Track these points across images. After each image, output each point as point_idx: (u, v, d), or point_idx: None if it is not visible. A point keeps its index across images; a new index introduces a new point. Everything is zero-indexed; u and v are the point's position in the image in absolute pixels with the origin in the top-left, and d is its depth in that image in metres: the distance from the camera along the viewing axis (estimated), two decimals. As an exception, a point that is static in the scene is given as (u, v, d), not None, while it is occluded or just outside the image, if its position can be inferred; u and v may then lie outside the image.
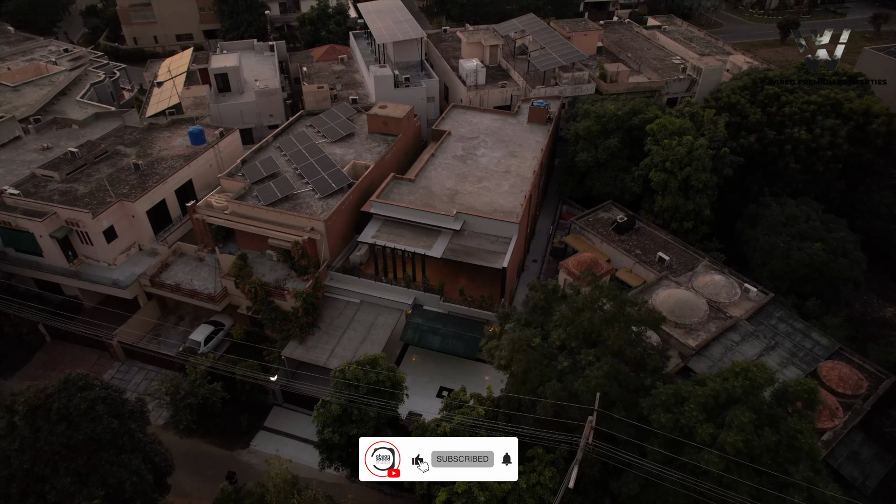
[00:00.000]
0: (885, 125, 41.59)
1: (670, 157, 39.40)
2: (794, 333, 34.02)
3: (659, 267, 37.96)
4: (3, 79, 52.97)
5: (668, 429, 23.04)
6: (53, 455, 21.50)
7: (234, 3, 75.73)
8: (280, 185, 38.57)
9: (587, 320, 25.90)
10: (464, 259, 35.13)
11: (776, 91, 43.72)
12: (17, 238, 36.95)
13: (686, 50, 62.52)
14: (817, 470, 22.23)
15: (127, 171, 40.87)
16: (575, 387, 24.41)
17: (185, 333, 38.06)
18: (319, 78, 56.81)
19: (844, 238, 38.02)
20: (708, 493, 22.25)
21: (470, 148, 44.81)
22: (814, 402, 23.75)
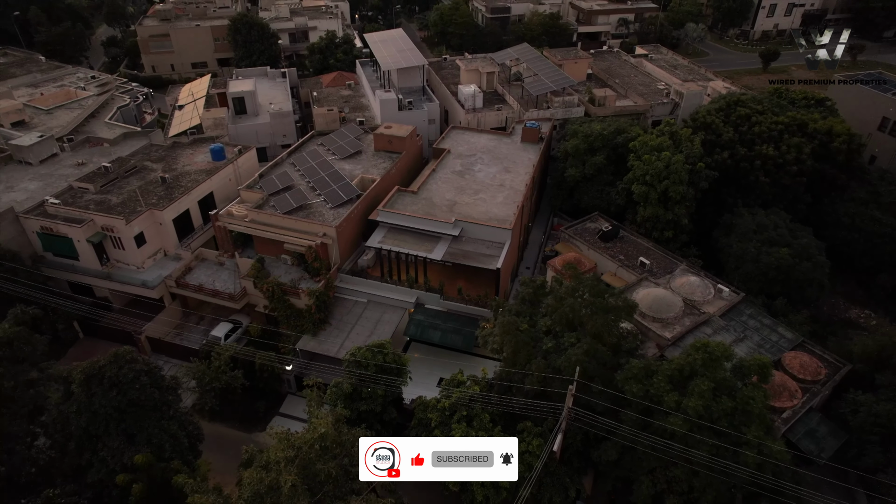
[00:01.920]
0: (845, 143, 45.64)
1: (650, 171, 43.32)
2: (762, 328, 37.44)
3: (640, 270, 41.51)
4: (38, 103, 57.34)
5: (639, 397, 26.40)
6: (106, 417, 24.82)
7: (248, 34, 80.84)
8: (295, 196, 42.43)
9: (569, 307, 29.46)
10: (462, 261, 38.77)
11: (747, 112, 47.84)
12: (56, 243, 40.65)
13: (670, 76, 67.13)
14: (767, 431, 25.58)
15: (154, 183, 44.80)
16: (558, 363, 27.85)
17: (206, 331, 41.44)
18: (328, 102, 61.22)
19: (809, 244, 41.63)
20: (675, 453, 25.56)
21: (468, 164, 48.82)
22: (767, 375, 27.23)
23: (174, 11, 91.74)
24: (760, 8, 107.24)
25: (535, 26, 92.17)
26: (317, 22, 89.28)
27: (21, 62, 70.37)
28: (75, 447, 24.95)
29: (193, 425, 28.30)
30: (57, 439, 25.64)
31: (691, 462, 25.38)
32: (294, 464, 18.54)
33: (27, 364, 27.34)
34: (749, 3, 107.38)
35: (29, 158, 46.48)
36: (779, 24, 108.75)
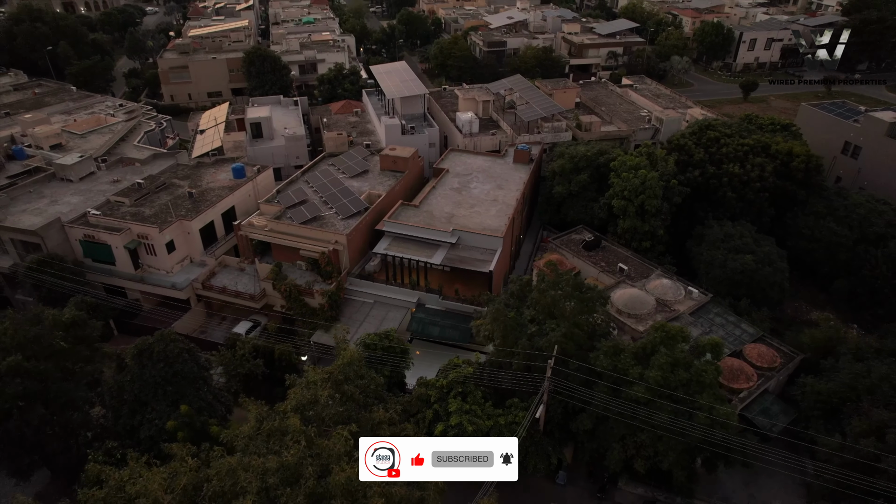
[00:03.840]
0: (803, 163, 50.73)
1: (627, 188, 48.32)
2: (727, 324, 41.96)
3: (619, 275, 46.20)
4: (72, 128, 62.78)
5: (609, 370, 30.82)
6: (154, 385, 29.20)
7: (262, 65, 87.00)
8: (309, 209, 47.39)
9: (550, 298, 34.10)
10: (458, 266, 43.51)
11: (716, 135, 53.12)
12: (96, 249, 45.44)
13: (652, 104, 72.90)
14: (717, 398, 29.93)
15: (182, 198, 49.81)
16: (540, 343, 32.34)
17: (228, 328, 45.87)
18: (338, 127, 66.70)
19: (771, 252, 46.35)
20: (641, 418, 29.87)
21: (464, 182, 53.94)
22: (719, 353, 31.79)
23: (192, 45, 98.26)
24: (741, 42, 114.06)
25: (529, 59, 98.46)
26: (325, 55, 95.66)
27: (54, 92, 76.35)
28: (128, 410, 29.25)
29: (225, 397, 32.65)
30: (112, 404, 29.95)
31: (654, 426, 29.67)
32: (328, 383, 22.85)
33: (85, 344, 31.84)
34: (731, 38, 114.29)
35: (70, 176, 51.64)
36: (759, 58, 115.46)
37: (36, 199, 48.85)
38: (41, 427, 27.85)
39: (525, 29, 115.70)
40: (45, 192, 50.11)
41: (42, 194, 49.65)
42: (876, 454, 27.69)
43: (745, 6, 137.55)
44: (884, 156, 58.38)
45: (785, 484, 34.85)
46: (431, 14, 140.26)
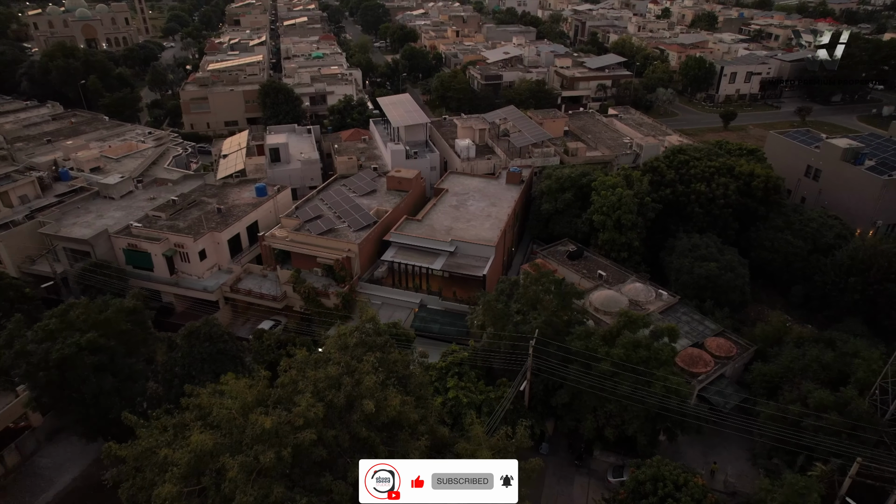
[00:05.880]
0: (763, 182, 57.19)
1: (606, 204, 54.67)
2: (692, 321, 47.85)
3: (598, 280, 52.22)
4: (108, 153, 69.67)
5: (581, 350, 36.65)
6: (201, 361, 35.03)
7: (276, 97, 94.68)
8: (325, 222, 53.74)
9: (533, 292, 40.11)
10: (456, 271, 49.60)
11: (686, 158, 59.74)
12: (137, 257, 51.64)
13: (635, 132, 79.82)
14: (671, 372, 35.68)
15: (212, 213, 56.21)
16: (524, 329, 38.24)
17: (252, 326, 51.70)
18: (348, 152, 73.51)
19: (733, 260, 52.39)
20: (608, 389, 35.58)
21: (462, 200, 60.41)
22: (675, 336, 37.65)
23: (211, 78, 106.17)
24: (723, 76, 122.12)
25: (524, 91, 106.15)
26: (334, 87, 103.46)
27: (88, 121, 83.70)
28: (178, 383, 35.00)
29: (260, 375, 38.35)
30: (165, 378, 35.71)
31: (620, 396, 35.36)
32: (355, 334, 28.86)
33: (141, 328, 37.80)
34: (713, 72, 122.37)
35: (112, 194, 58.20)
36: (740, 90, 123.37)
37: (83, 214, 55.34)
38: (111, 394, 33.61)
39: (520, 63, 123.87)
40: (91, 208, 56.62)
41: (88, 210, 56.17)
42: (800, 413, 33.41)
43: (728, 42, 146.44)
44: (839, 178, 64.94)
45: (736, 453, 40.40)
46: (433, 49, 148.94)
